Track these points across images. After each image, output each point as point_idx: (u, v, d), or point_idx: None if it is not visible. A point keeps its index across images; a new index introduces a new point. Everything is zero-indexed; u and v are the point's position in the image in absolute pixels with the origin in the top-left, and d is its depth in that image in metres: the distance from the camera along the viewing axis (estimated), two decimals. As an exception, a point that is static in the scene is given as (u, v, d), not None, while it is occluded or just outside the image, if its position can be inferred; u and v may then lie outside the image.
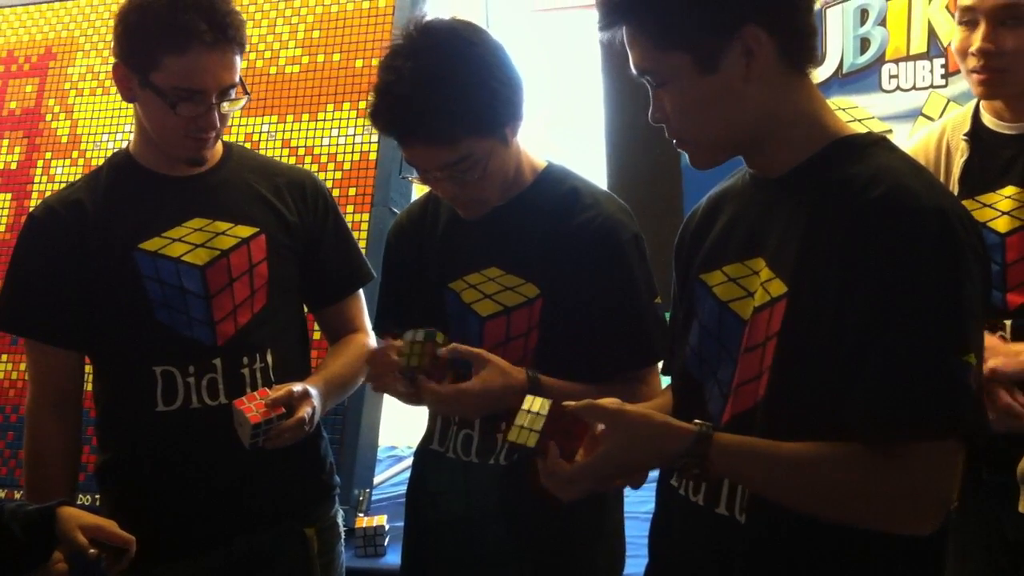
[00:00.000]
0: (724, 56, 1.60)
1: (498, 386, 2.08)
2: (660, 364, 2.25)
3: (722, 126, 1.67)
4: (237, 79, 2.31)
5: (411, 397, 2.15)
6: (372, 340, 2.64)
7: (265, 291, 2.42)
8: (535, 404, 1.68)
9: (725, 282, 1.74)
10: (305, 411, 2.26)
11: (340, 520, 2.64)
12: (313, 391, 2.31)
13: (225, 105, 2.32)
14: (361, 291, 2.67)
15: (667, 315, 2.28)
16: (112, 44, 2.35)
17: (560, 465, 1.64)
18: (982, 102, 2.60)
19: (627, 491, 2.38)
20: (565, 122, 5.62)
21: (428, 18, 2.19)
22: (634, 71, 1.70)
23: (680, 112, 1.67)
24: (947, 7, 3.81)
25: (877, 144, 1.66)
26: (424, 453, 2.47)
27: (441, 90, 2.06)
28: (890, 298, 1.49)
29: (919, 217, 1.50)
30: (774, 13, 1.62)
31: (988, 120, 2.56)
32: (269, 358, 2.41)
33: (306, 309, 2.63)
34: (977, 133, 2.56)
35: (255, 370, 2.38)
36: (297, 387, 2.27)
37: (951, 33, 2.96)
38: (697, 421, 1.59)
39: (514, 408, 1.71)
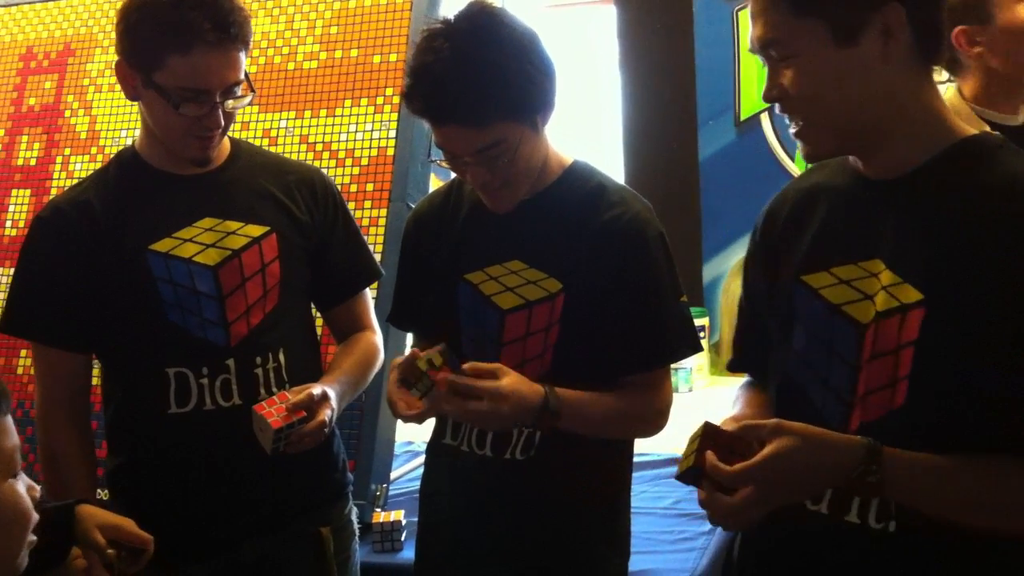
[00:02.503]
0: (864, 30, 1.58)
1: (526, 392, 2.08)
2: (680, 364, 2.24)
3: (849, 106, 1.62)
4: (242, 76, 2.29)
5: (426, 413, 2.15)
6: (379, 338, 2.63)
7: (277, 291, 2.40)
8: (695, 430, 1.63)
9: (835, 284, 1.69)
10: (325, 414, 2.24)
11: (354, 517, 2.63)
12: (331, 392, 2.30)
13: (230, 103, 2.29)
14: (368, 288, 2.66)
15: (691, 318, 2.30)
16: (115, 41, 2.32)
17: (721, 468, 1.56)
18: (963, 103, 2.65)
19: (633, 488, 2.40)
20: (578, 118, 5.63)
21: (450, 14, 2.18)
22: (754, 44, 1.66)
23: (806, 87, 1.62)
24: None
25: (1003, 148, 1.63)
26: (435, 448, 2.47)
27: (477, 72, 2.05)
28: None
29: None
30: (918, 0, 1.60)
31: (991, 115, 2.62)
32: (282, 358, 2.40)
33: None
34: None
35: (268, 370, 2.37)
36: (316, 389, 2.25)
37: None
38: (860, 436, 1.55)
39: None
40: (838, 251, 1.71)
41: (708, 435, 1.60)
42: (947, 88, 2.82)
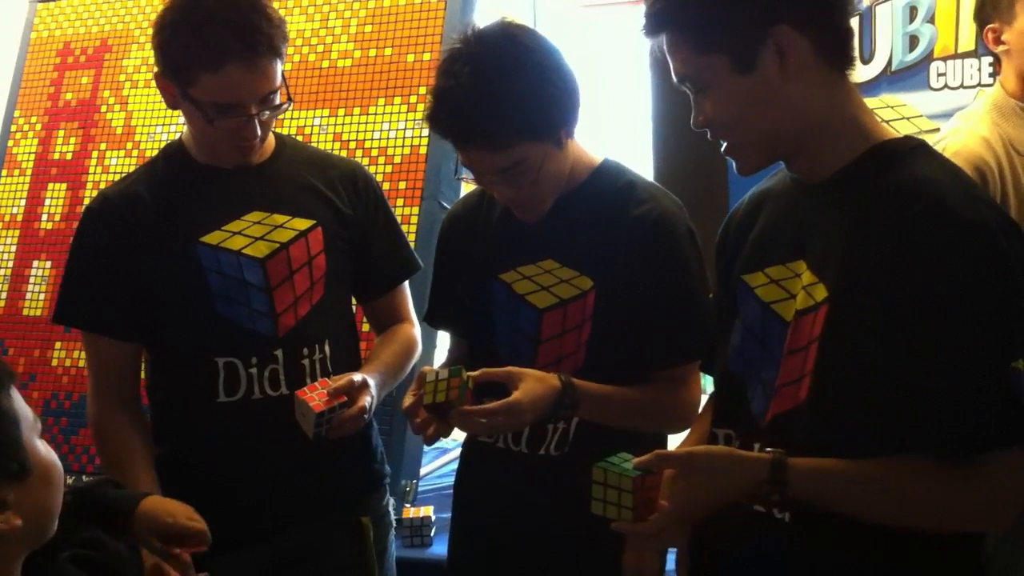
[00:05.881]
0: (759, 55, 1.65)
1: (541, 393, 2.09)
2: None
3: (763, 126, 1.70)
4: (277, 83, 2.31)
5: (435, 437, 2.16)
6: (417, 330, 2.67)
7: (323, 283, 2.44)
8: (610, 477, 1.69)
9: (767, 284, 1.77)
10: (365, 400, 2.27)
11: (391, 509, 2.66)
12: (371, 380, 2.33)
13: (267, 112, 2.32)
14: (407, 281, 2.69)
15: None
16: (152, 53, 2.36)
17: (643, 526, 1.67)
18: (1007, 99, 2.72)
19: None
20: (611, 117, 5.64)
21: (486, 23, 2.21)
22: (675, 79, 1.75)
23: (722, 114, 1.71)
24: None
25: (916, 150, 1.68)
26: (471, 445, 2.50)
27: (497, 97, 2.08)
28: (938, 315, 1.52)
29: (960, 233, 1.54)
30: (806, 13, 1.66)
31: None
32: (327, 349, 2.43)
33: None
34: None
35: (315, 361, 2.41)
36: (357, 376, 2.28)
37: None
38: (769, 449, 1.61)
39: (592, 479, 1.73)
40: (772, 252, 1.79)
41: (636, 487, 1.67)
42: (995, 85, 2.87)
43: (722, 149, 1.77)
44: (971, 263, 1.52)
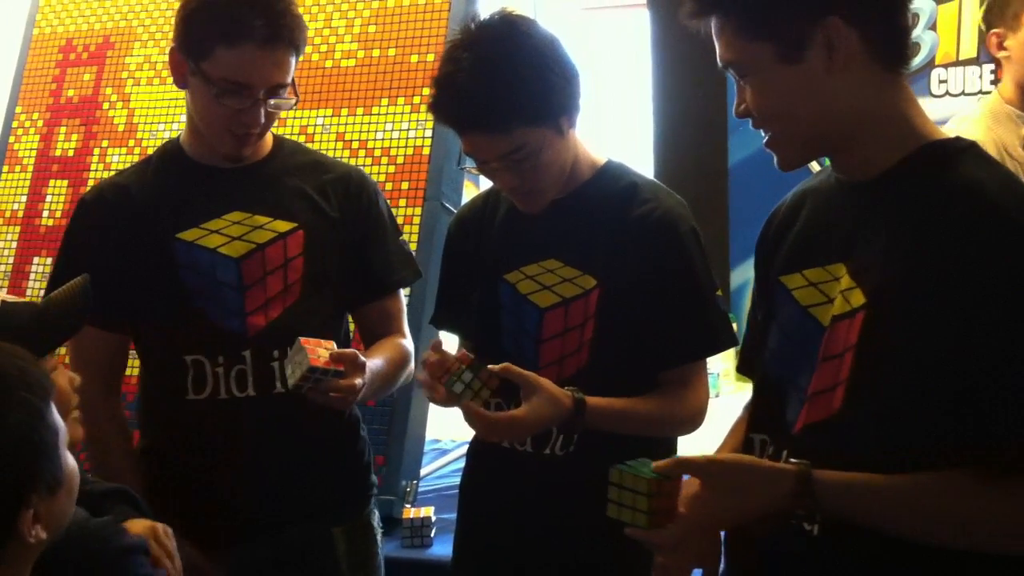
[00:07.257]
0: (807, 47, 1.60)
1: (547, 415, 2.10)
2: (722, 366, 2.26)
3: (805, 120, 1.65)
4: (288, 79, 2.32)
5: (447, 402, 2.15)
6: (410, 343, 2.59)
7: (300, 286, 2.40)
8: (626, 479, 1.62)
9: (805, 286, 1.72)
10: (358, 380, 2.21)
11: (375, 521, 2.60)
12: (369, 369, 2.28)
13: (272, 103, 2.32)
14: (402, 293, 2.63)
15: (728, 312, 2.32)
16: (172, 30, 2.38)
17: (657, 534, 1.61)
18: (1003, 105, 2.75)
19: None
20: (611, 119, 5.65)
21: (486, 14, 2.22)
22: (719, 63, 1.70)
23: (763, 104, 1.66)
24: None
25: (965, 152, 1.63)
26: (477, 443, 2.48)
27: (498, 80, 2.10)
28: (988, 322, 1.46)
29: (1009, 236, 1.49)
30: (859, 8, 1.61)
31: None
32: None
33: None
34: None
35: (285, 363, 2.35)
36: (362, 357, 2.23)
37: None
38: (793, 460, 1.57)
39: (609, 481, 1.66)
40: (812, 254, 1.74)
41: (653, 492, 1.60)
42: (993, 93, 2.91)
43: (764, 142, 1.72)
44: (1021, 268, 1.46)
